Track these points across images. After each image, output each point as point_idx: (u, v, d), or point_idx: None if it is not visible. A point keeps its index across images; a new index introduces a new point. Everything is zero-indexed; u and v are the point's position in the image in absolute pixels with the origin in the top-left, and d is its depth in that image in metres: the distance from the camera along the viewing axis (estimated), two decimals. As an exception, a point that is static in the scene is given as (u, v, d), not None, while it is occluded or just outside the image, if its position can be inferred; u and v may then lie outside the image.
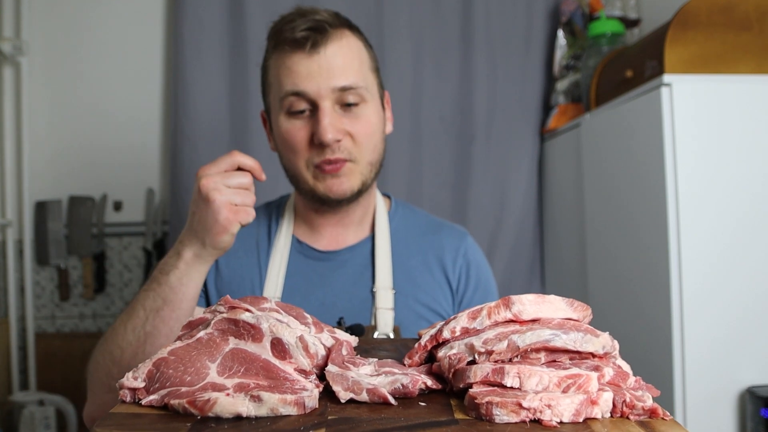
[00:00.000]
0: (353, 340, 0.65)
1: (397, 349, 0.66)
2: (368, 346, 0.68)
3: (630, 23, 1.76)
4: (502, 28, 1.91)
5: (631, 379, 0.49)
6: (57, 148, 1.93)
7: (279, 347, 0.51)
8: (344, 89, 0.86)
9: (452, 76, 1.92)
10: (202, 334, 0.53)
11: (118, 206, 1.96)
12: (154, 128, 1.97)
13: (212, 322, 0.54)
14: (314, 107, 0.87)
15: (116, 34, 1.95)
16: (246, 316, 0.53)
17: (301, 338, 0.52)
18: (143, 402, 0.48)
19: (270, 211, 1.04)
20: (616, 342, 0.52)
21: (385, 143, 0.97)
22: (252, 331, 0.52)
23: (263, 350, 0.52)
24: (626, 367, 0.53)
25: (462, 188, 1.91)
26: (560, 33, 1.84)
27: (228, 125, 1.84)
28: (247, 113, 1.81)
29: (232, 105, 1.84)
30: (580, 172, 1.59)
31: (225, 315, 0.54)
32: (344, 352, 0.58)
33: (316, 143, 0.87)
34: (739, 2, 1.23)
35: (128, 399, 0.49)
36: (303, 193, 0.94)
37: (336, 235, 0.99)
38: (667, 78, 1.18)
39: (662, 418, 0.45)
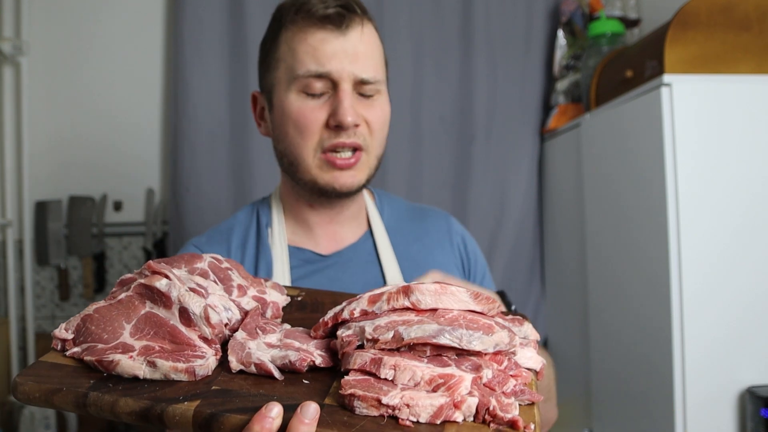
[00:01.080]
0: (282, 300, 0.67)
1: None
2: (310, 300, 0.70)
3: (630, 23, 1.76)
4: (502, 28, 1.91)
5: (511, 384, 0.49)
6: (57, 148, 1.93)
7: (185, 315, 0.54)
8: (364, 82, 0.84)
9: (452, 76, 1.91)
10: (123, 295, 0.56)
11: (118, 206, 1.96)
12: (154, 128, 1.97)
13: (132, 285, 0.57)
14: (333, 89, 0.83)
15: (116, 34, 1.95)
16: (160, 284, 0.55)
17: (205, 309, 0.54)
18: (68, 353, 0.53)
19: (254, 217, 0.97)
20: (517, 338, 0.51)
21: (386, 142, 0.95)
22: (163, 298, 0.55)
23: (172, 316, 0.55)
24: (534, 361, 0.53)
25: (462, 188, 1.91)
26: (560, 33, 1.84)
27: (228, 125, 1.84)
28: (247, 113, 1.81)
29: (232, 105, 1.84)
30: (580, 172, 1.59)
31: (142, 280, 0.56)
32: (269, 314, 0.61)
33: (332, 126, 0.83)
34: (739, 2, 1.23)
35: (58, 348, 0.54)
36: (301, 184, 0.88)
37: (333, 233, 0.95)
38: (667, 78, 1.18)
39: (523, 430, 0.45)
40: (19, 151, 1.90)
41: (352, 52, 0.82)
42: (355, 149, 0.85)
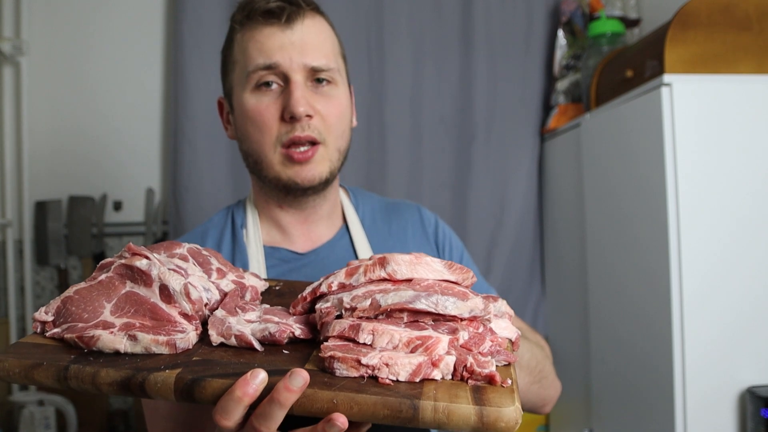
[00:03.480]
0: (261, 285, 0.68)
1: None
2: (289, 290, 0.71)
3: (630, 23, 1.76)
4: (502, 28, 1.92)
5: (487, 344, 0.50)
6: (57, 148, 1.93)
7: (166, 292, 0.55)
8: (316, 69, 0.84)
9: (452, 76, 1.92)
10: (103, 276, 0.58)
11: (118, 206, 1.96)
12: (154, 128, 1.97)
13: (113, 266, 0.58)
14: (285, 82, 0.84)
15: (116, 34, 1.95)
16: (140, 263, 0.56)
17: (185, 286, 0.55)
18: (47, 334, 0.54)
19: (229, 219, 0.97)
20: (491, 306, 0.52)
21: (351, 135, 0.93)
22: (144, 277, 0.56)
23: (153, 294, 0.56)
24: (510, 331, 0.54)
25: (462, 188, 1.91)
26: (560, 33, 1.84)
27: (228, 125, 1.84)
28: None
29: (232, 105, 1.84)
30: (580, 172, 1.59)
31: (123, 261, 0.58)
32: (248, 297, 0.63)
33: (287, 118, 0.83)
34: (739, 2, 1.23)
35: (38, 330, 0.55)
36: (266, 182, 0.89)
37: (307, 232, 0.94)
38: (667, 78, 1.18)
39: (501, 385, 0.46)
40: (19, 151, 1.90)
41: (299, 43, 0.83)
42: (312, 143, 0.85)
